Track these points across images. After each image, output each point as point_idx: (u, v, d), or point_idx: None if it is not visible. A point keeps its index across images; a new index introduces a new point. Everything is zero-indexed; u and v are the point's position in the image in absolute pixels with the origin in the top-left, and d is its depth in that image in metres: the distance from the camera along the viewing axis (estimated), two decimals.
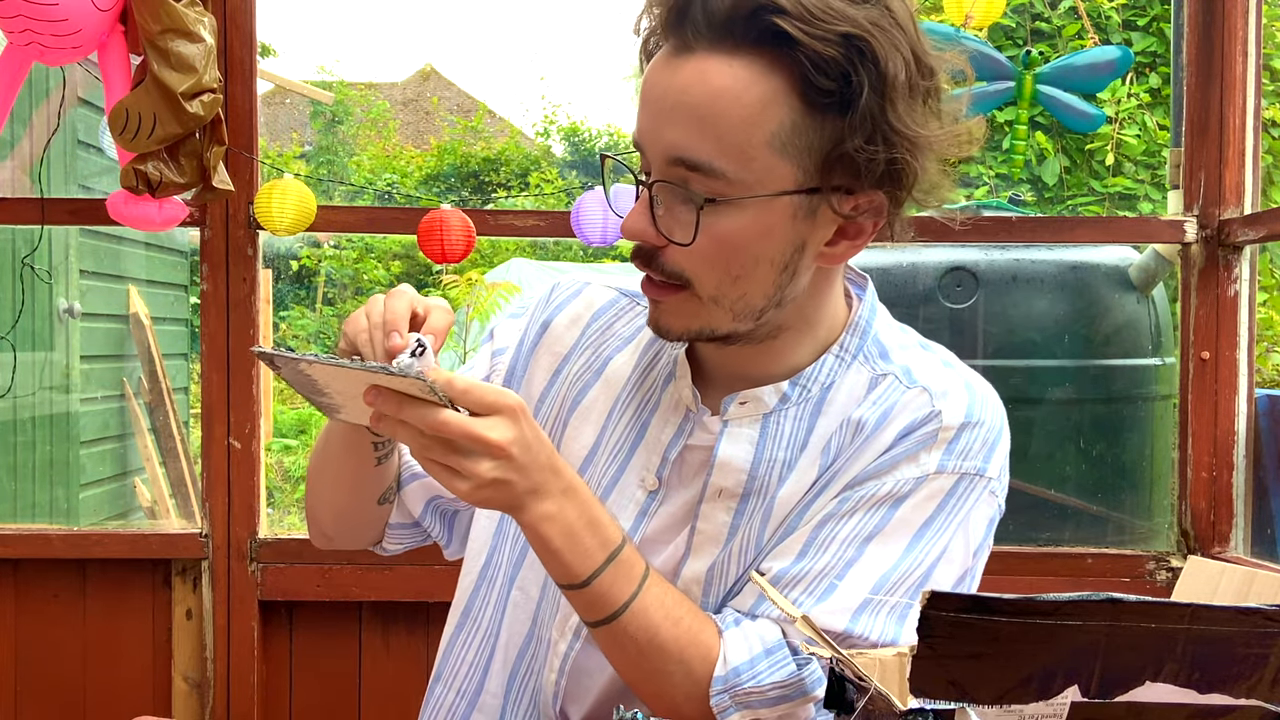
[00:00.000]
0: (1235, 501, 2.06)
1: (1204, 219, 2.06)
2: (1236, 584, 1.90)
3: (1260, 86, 2.07)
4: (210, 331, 2.05)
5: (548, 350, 1.25)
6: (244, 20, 2.01)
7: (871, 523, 1.09)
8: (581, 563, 1.02)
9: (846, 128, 1.00)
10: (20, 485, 4.81)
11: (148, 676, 2.10)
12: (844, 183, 1.03)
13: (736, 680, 1.06)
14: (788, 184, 1.02)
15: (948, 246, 2.68)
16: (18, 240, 4.18)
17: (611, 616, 1.04)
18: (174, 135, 1.73)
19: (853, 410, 1.12)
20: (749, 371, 1.15)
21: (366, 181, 12.02)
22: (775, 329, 1.11)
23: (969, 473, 1.11)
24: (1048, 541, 2.57)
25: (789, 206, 1.03)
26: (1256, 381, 2.41)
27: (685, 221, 1.03)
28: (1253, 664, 0.70)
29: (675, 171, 1.03)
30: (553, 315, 1.26)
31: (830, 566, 1.08)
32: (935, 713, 0.70)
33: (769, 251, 1.05)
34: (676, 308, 1.08)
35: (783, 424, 1.13)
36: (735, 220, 1.03)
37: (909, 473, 1.09)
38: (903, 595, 1.08)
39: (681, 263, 1.05)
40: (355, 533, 1.29)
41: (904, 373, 1.14)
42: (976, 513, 1.12)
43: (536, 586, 1.21)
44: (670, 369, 1.18)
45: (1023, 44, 5.07)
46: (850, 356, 1.15)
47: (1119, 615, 0.67)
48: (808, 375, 1.13)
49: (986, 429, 1.12)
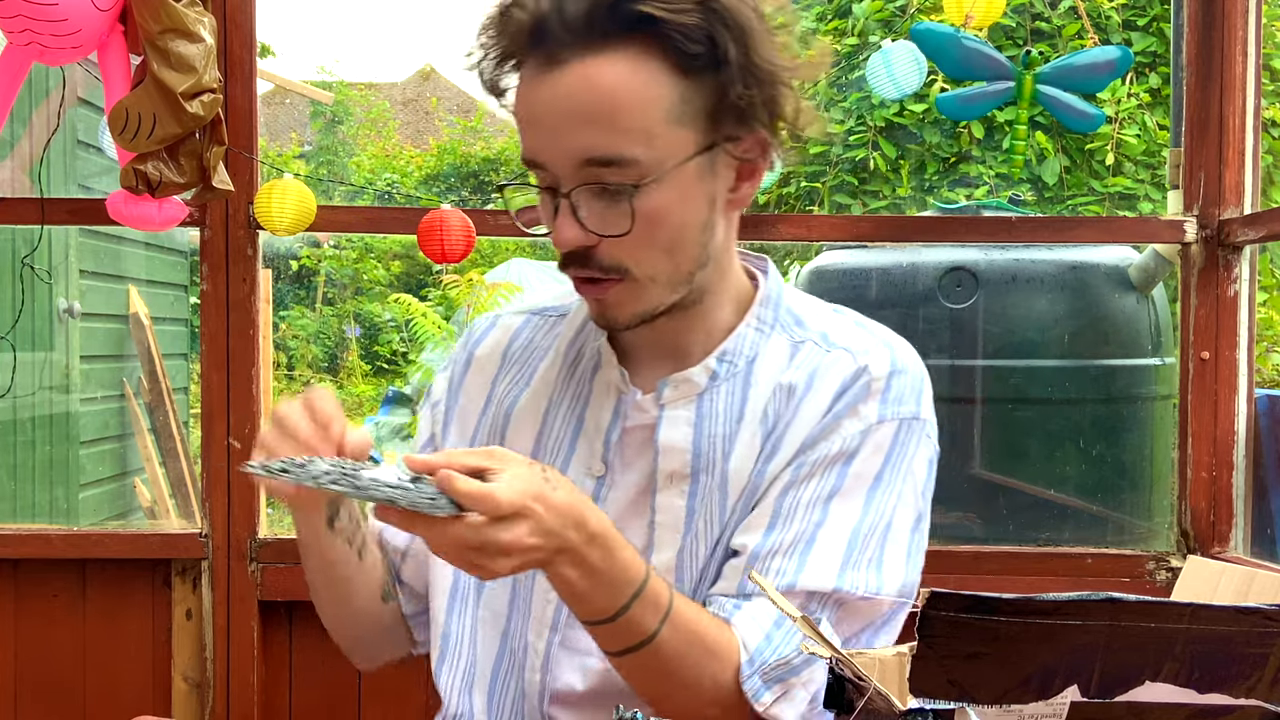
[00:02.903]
0: (1235, 501, 2.06)
1: (1204, 219, 2.06)
2: (1236, 584, 1.90)
3: (1260, 86, 2.07)
4: (210, 331, 2.05)
5: (476, 377, 1.31)
6: (244, 20, 2.01)
7: (829, 483, 1.15)
8: (608, 602, 1.03)
9: (722, 82, 1.09)
10: (20, 485, 4.81)
11: (148, 676, 2.10)
12: (732, 131, 1.12)
13: (761, 660, 1.09)
14: (690, 149, 1.10)
15: (948, 246, 2.68)
16: (18, 240, 4.18)
17: (638, 646, 1.05)
18: (174, 135, 1.73)
19: (780, 377, 1.19)
20: (676, 342, 1.20)
21: (366, 181, 12.02)
22: (700, 292, 1.17)
23: (906, 418, 1.18)
24: (1047, 541, 2.57)
25: (696, 169, 1.11)
26: (1256, 381, 2.41)
27: (616, 213, 1.09)
28: (1253, 664, 0.70)
29: (589, 172, 1.09)
30: (474, 349, 1.33)
31: (801, 532, 1.13)
32: (935, 713, 0.70)
33: (690, 216, 1.12)
34: (620, 297, 1.13)
35: (716, 401, 1.19)
36: (657, 198, 1.09)
37: (853, 427, 1.16)
38: (875, 546, 1.14)
39: (617, 253, 1.11)
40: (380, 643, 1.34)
41: (822, 337, 1.21)
42: (918, 457, 1.19)
43: (503, 602, 1.24)
44: (595, 359, 1.24)
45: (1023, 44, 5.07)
46: (768, 327, 1.22)
47: (1119, 615, 0.67)
48: (732, 351, 1.20)
49: (911, 375, 1.20)
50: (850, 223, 2.43)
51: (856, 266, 2.81)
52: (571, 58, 1.07)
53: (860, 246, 2.83)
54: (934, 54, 1.96)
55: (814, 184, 6.12)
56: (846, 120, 6.04)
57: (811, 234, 2.27)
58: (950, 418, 2.74)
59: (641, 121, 1.07)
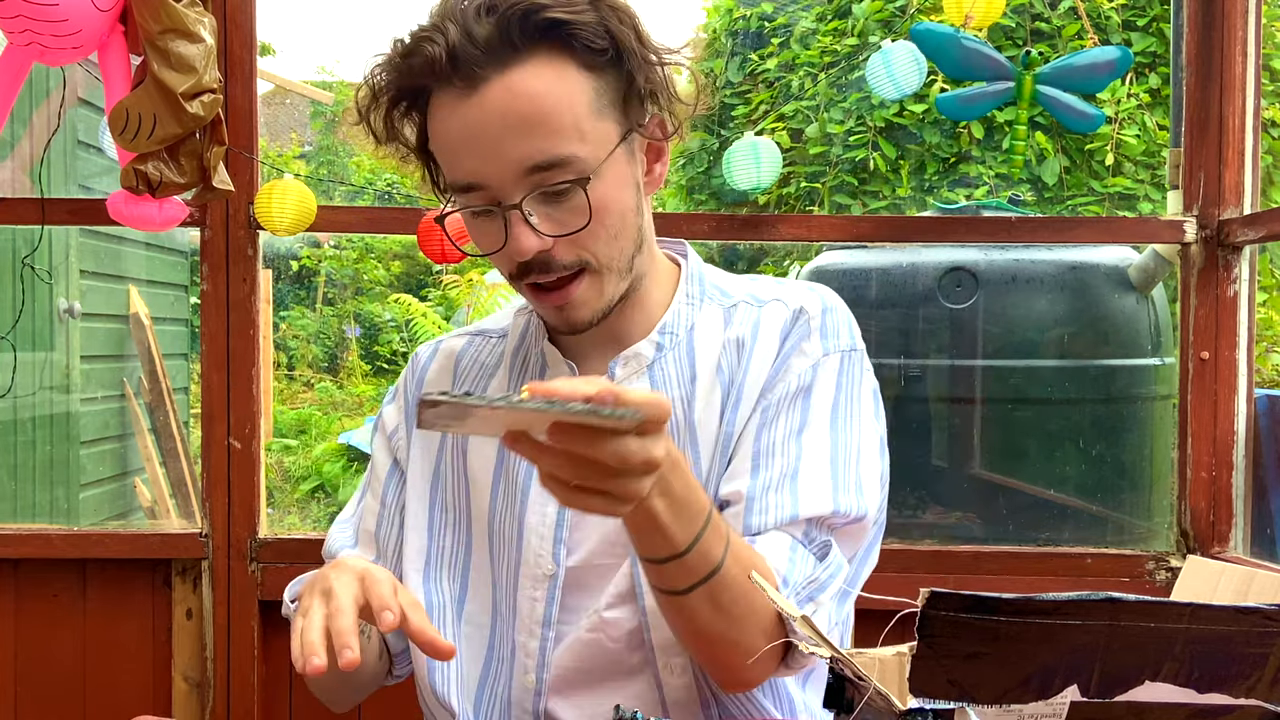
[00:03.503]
0: (1235, 501, 2.06)
1: (1203, 219, 2.06)
2: (1236, 584, 1.90)
3: (1260, 86, 2.07)
4: (210, 331, 2.05)
5: None
6: (244, 20, 2.01)
7: (796, 418, 1.21)
8: (685, 532, 1.03)
9: (627, 71, 1.16)
10: (20, 485, 4.81)
11: (148, 676, 2.10)
12: (639, 116, 1.19)
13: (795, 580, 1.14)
14: (615, 138, 1.16)
15: (948, 247, 2.68)
16: (18, 240, 4.18)
17: (706, 578, 1.05)
18: (174, 135, 1.73)
19: (723, 335, 1.26)
20: (618, 329, 1.25)
21: (366, 181, 12.01)
22: (638, 278, 1.23)
23: (845, 350, 1.25)
24: (1047, 541, 2.57)
25: (621, 155, 1.17)
26: (1256, 381, 2.40)
27: (567, 211, 1.14)
28: (1252, 664, 0.70)
29: (534, 179, 1.13)
30: (423, 375, 1.37)
31: (785, 466, 1.18)
32: (935, 712, 0.70)
33: (624, 200, 1.18)
34: (585, 295, 1.18)
35: (666, 368, 1.25)
36: (600, 187, 1.14)
37: (802, 364, 1.22)
38: (853, 470, 1.20)
39: (574, 249, 1.16)
40: (368, 687, 1.36)
41: (751, 298, 1.29)
42: (864, 385, 1.26)
43: (486, 613, 1.26)
44: (540, 362, 1.28)
45: (1023, 44, 5.07)
46: (698, 301, 1.28)
47: (1118, 615, 0.67)
48: (671, 324, 1.26)
49: (840, 312, 1.27)
50: (850, 223, 2.43)
51: (856, 267, 2.81)
52: (492, 75, 1.11)
53: (860, 246, 2.83)
54: (934, 54, 1.96)
55: (814, 184, 6.11)
56: (846, 120, 6.04)
57: (811, 234, 2.27)
58: (950, 418, 2.75)
59: (571, 120, 1.12)
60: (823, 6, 6.33)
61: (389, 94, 1.18)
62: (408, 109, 1.20)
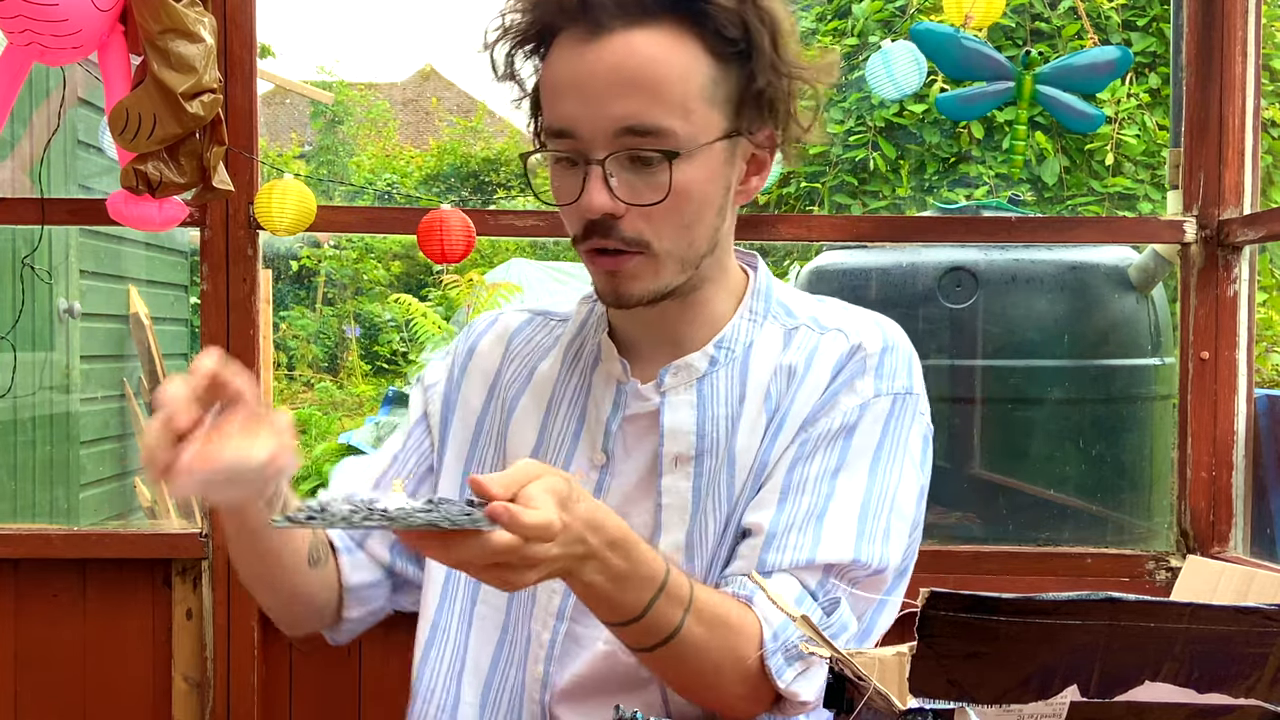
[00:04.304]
0: (1235, 501, 2.06)
1: (1203, 219, 2.06)
2: (1236, 584, 1.90)
3: (1260, 86, 2.07)
4: (210, 331, 2.05)
5: (477, 371, 1.33)
6: (244, 20, 2.01)
7: (834, 457, 1.17)
8: (633, 603, 1.03)
9: (751, 71, 1.13)
10: (20, 485, 4.81)
11: (148, 676, 2.09)
12: (751, 122, 1.16)
13: (785, 636, 1.11)
14: (719, 131, 1.14)
15: (948, 246, 2.68)
16: (18, 240, 4.18)
17: (664, 641, 1.06)
18: (174, 135, 1.73)
19: (778, 360, 1.22)
20: (674, 332, 1.23)
21: (366, 181, 12.02)
22: (701, 279, 1.20)
23: (899, 393, 1.21)
24: (1047, 541, 2.57)
25: (722, 151, 1.15)
26: (1256, 381, 2.41)
27: (647, 184, 1.12)
28: (1252, 663, 0.70)
29: (625, 141, 1.11)
30: (476, 342, 1.35)
31: (813, 506, 1.15)
32: (935, 712, 0.70)
33: (710, 196, 1.15)
34: (636, 271, 1.15)
35: (716, 384, 1.21)
36: (688, 172, 1.12)
37: (851, 402, 1.19)
38: (883, 519, 1.17)
39: (640, 225, 1.13)
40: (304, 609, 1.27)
41: (813, 321, 1.25)
42: (914, 431, 1.22)
43: (502, 596, 1.24)
44: (595, 354, 1.26)
45: (1022, 44, 5.07)
46: (760, 318, 1.25)
47: (1118, 615, 0.67)
48: (729, 338, 1.23)
49: (902, 352, 1.23)
50: (850, 223, 2.43)
51: (856, 266, 2.81)
52: (617, 28, 1.10)
53: (860, 246, 2.83)
54: (934, 54, 1.96)
55: (814, 184, 6.12)
56: (846, 120, 6.04)
57: (811, 234, 2.27)
58: (950, 418, 2.75)
59: (680, 95, 1.10)
60: (823, 6, 6.33)
61: (518, 28, 1.17)
62: (534, 49, 1.18)
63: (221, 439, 0.94)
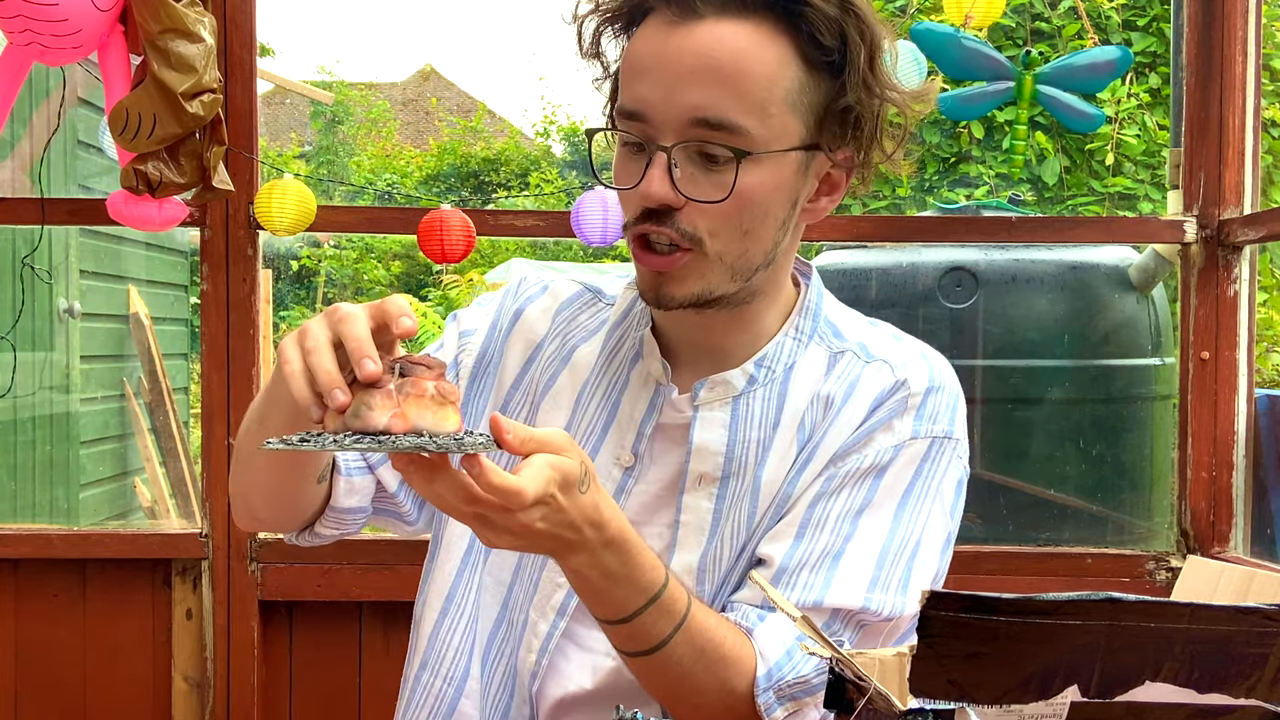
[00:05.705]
0: (1235, 501, 2.06)
1: (1204, 219, 2.06)
2: (1236, 584, 1.90)
3: (1260, 86, 2.07)
4: (210, 331, 2.05)
5: (521, 338, 1.27)
6: (244, 20, 2.02)
7: (860, 496, 1.13)
8: (622, 605, 1.02)
9: (841, 87, 1.08)
10: (20, 485, 4.81)
11: (148, 676, 2.10)
12: (833, 139, 1.10)
13: (779, 675, 1.08)
14: (796, 140, 1.08)
15: (948, 246, 2.68)
16: (18, 240, 4.18)
17: (651, 650, 1.04)
18: (174, 135, 1.73)
19: (818, 387, 1.17)
20: (718, 343, 1.18)
21: (366, 181, 12.02)
22: (752, 293, 1.15)
23: (939, 436, 1.16)
24: (1047, 541, 2.57)
25: (795, 162, 1.09)
26: (1256, 381, 2.41)
27: (710, 181, 1.07)
28: (1252, 664, 0.70)
29: (697, 132, 1.06)
30: (524, 305, 1.29)
31: (830, 545, 1.11)
32: (935, 713, 0.70)
33: (775, 206, 1.10)
34: (684, 271, 1.10)
35: (752, 405, 1.17)
36: (755, 175, 1.07)
37: (886, 441, 1.14)
38: (903, 567, 1.12)
39: (698, 221, 1.08)
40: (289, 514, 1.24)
41: (860, 348, 1.19)
42: (948, 477, 1.17)
43: (508, 571, 1.22)
44: (636, 349, 1.21)
45: (1023, 44, 5.06)
46: (806, 337, 1.19)
47: (1118, 615, 0.67)
48: (771, 356, 1.18)
49: (948, 393, 1.18)
50: (850, 223, 2.43)
51: (856, 266, 2.81)
52: (708, 15, 1.06)
53: (860, 246, 2.82)
54: (934, 54, 1.96)
55: None
56: None
57: (811, 234, 2.27)
58: None
59: (761, 94, 1.06)
60: None
61: (610, 3, 1.13)
62: (623, 27, 1.13)
63: (419, 403, 0.92)
